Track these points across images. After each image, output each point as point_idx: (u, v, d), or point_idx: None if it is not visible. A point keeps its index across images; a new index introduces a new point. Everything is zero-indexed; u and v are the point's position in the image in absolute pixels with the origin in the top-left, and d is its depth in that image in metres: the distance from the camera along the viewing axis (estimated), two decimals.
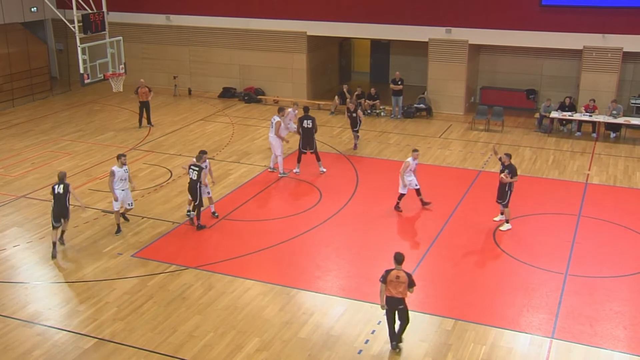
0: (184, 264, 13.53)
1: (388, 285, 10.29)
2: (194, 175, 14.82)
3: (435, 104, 24.88)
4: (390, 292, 10.31)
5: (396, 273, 10.26)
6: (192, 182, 14.88)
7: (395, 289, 10.26)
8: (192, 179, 14.87)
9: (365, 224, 15.52)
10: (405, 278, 10.25)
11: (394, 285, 10.25)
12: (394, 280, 10.24)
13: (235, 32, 26.93)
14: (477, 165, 19.28)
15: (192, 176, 14.86)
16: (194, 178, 14.83)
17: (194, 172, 14.81)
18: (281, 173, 18.33)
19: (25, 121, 23.94)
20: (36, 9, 27.94)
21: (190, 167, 14.92)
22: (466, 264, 13.63)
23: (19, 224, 15.50)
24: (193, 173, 14.82)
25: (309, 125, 18.23)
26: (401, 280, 10.23)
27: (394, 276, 10.25)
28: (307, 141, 18.30)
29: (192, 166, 14.89)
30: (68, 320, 11.62)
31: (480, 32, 23.54)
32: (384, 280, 10.32)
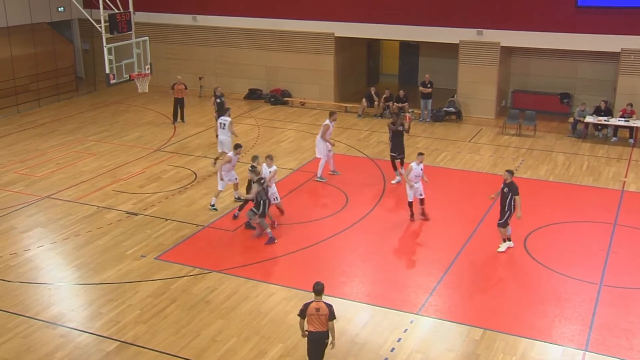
0: (208, 267, 13.60)
1: (308, 320, 9.62)
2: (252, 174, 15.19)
3: (465, 108, 24.71)
4: (313, 327, 9.63)
5: (315, 305, 9.57)
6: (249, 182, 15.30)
7: (318, 322, 9.60)
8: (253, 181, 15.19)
9: (392, 229, 15.46)
10: (326, 309, 9.55)
11: (315, 318, 9.57)
12: (314, 314, 9.55)
13: (262, 33, 27.06)
14: None
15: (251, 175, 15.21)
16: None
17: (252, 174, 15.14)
18: (318, 177, 18.21)
19: (50, 121, 24.32)
20: (63, 8, 28.39)
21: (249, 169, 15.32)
22: (496, 272, 13.50)
23: (43, 224, 15.74)
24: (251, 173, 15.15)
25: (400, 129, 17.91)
26: (321, 312, 9.55)
27: (313, 309, 9.56)
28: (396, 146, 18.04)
29: (251, 167, 15.29)
30: (91, 322, 11.76)
31: (513, 34, 23.33)
32: (302, 314, 9.66)
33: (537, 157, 20.35)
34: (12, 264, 13.80)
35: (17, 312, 12.01)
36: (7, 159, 20.16)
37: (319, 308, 9.59)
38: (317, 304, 9.61)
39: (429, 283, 13.00)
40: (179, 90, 23.50)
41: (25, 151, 20.92)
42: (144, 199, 17.13)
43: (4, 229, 15.44)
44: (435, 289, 12.80)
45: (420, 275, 13.36)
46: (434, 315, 11.93)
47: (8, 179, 18.56)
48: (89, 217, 16.09)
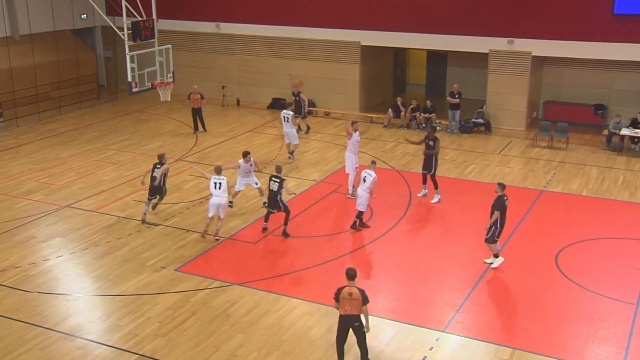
0: (228, 280, 13.63)
1: (341, 303, 10.30)
2: (274, 186, 15.24)
3: (495, 119, 24.56)
4: (345, 310, 10.31)
5: (348, 290, 10.23)
6: (272, 193, 15.32)
7: (350, 305, 10.28)
8: (272, 190, 15.27)
9: (418, 243, 15.38)
10: (359, 294, 10.24)
11: (348, 302, 10.26)
12: (347, 298, 10.23)
13: (287, 41, 27.21)
14: (538, 185, 18.91)
15: (273, 187, 15.26)
16: (274, 189, 15.24)
17: (274, 184, 15.25)
18: (350, 194, 17.94)
19: (71, 129, 24.66)
20: (86, 15, 28.84)
21: (270, 179, 15.36)
22: (525, 289, 13.33)
23: (62, 234, 15.92)
24: (274, 184, 15.25)
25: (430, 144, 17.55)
26: (354, 297, 10.23)
27: (346, 293, 10.22)
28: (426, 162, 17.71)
29: (273, 177, 15.33)
30: (109, 334, 11.84)
31: (545, 43, 23.16)
32: (336, 297, 10.33)
33: (569, 170, 20.13)
34: (31, 273, 13.96)
35: (36, 323, 12.13)
36: (28, 167, 20.46)
37: (351, 293, 10.18)
38: (349, 289, 10.21)
39: (456, 299, 12.89)
40: (194, 100, 23.69)
41: (45, 159, 21.22)
42: (165, 209, 17.25)
43: (23, 238, 15.65)
44: (463, 305, 12.68)
45: (447, 291, 13.25)
46: (461, 333, 11.81)
47: (28, 187, 18.83)
48: (108, 227, 16.24)
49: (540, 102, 25.84)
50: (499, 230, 13.95)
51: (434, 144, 17.41)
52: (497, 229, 13.90)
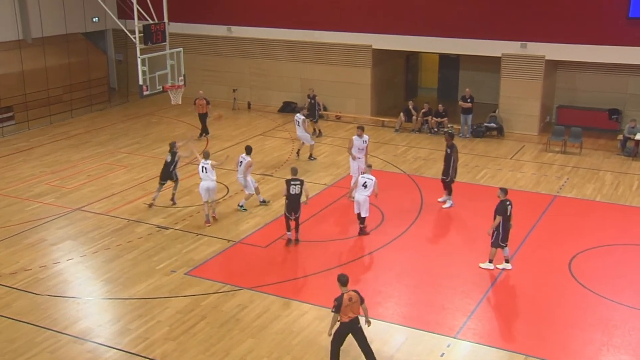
0: (239, 284, 13.66)
1: (343, 312, 10.30)
2: (296, 189, 15.09)
3: (508, 123, 24.49)
4: (347, 317, 10.35)
5: (347, 296, 10.30)
6: (294, 197, 15.14)
7: (351, 311, 10.35)
8: (295, 194, 15.11)
9: (429, 248, 15.35)
10: (357, 297, 10.36)
11: (349, 308, 10.31)
12: (348, 304, 10.29)
13: (298, 45, 27.27)
14: (551, 190, 18.83)
15: (294, 191, 15.10)
16: (296, 193, 15.10)
17: (295, 187, 15.09)
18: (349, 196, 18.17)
19: (82, 132, 24.82)
20: (98, 19, 29.04)
21: (289, 183, 15.11)
22: (538, 296, 13.27)
23: (73, 237, 16.01)
24: (295, 187, 15.08)
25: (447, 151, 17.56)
26: (354, 300, 10.34)
27: (347, 300, 10.29)
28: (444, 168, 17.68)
29: (292, 181, 15.13)
30: (119, 338, 11.89)
31: (559, 47, 23.09)
32: (338, 309, 10.26)
33: (583, 175, 20.03)
34: (42, 276, 14.05)
35: (45, 326, 12.21)
36: (39, 170, 20.61)
37: (351, 298, 10.30)
38: (348, 295, 10.30)
39: (468, 305, 12.85)
40: (200, 105, 23.70)
41: (56, 162, 21.37)
42: (175, 212, 17.32)
43: (34, 241, 15.75)
44: (474, 311, 12.64)
45: (458, 297, 13.21)
46: (473, 340, 11.78)
47: (39, 190, 18.96)
48: (119, 230, 16.32)
49: (554, 106, 25.74)
50: (503, 235, 13.94)
51: (451, 151, 17.34)
52: (499, 234, 13.91)
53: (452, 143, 17.44)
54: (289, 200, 15.15)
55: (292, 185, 15.09)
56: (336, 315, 10.34)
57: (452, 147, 17.37)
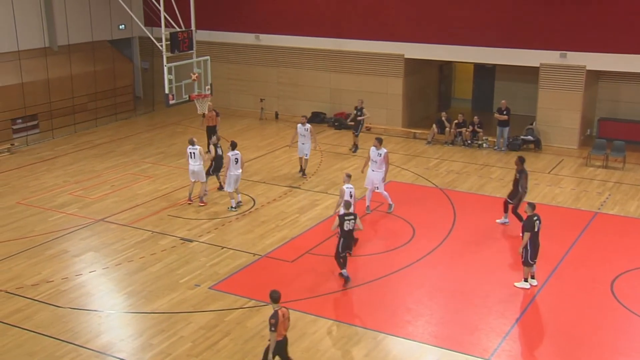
0: (264, 299, 13.55)
1: (280, 330, 10.25)
2: (350, 225, 14.07)
3: (545, 136, 24.23)
4: (281, 334, 10.32)
5: (282, 312, 10.27)
6: (348, 233, 14.10)
7: (284, 328, 10.35)
8: (349, 230, 14.08)
9: (462, 265, 15.20)
10: (288, 313, 10.41)
11: (282, 326, 10.29)
12: (282, 321, 10.26)
13: (327, 54, 27.36)
14: (592, 206, 18.56)
15: (349, 227, 14.07)
16: (351, 228, 14.10)
17: (350, 222, 14.03)
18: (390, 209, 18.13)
19: (107, 142, 25.14)
20: (124, 26, 29.48)
21: (344, 218, 14.04)
22: (578, 318, 13.05)
23: (95, 248, 16.18)
24: (349, 223, 14.03)
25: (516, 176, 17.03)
26: (286, 316, 10.35)
27: (281, 317, 10.23)
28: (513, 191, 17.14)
29: (347, 216, 14.06)
30: (141, 353, 11.94)
31: (601, 57, 22.82)
32: (276, 327, 10.12)
33: (626, 191, 19.71)
34: (63, 288, 14.20)
35: (67, 339, 12.31)
36: (63, 180, 20.90)
37: (284, 314, 10.32)
38: (281, 311, 10.28)
39: (502, 326, 12.68)
40: (209, 118, 22.52)
41: (80, 172, 21.65)
42: (200, 225, 17.41)
43: (56, 252, 15.95)
44: (509, 332, 12.47)
45: (493, 316, 13.05)
46: None
47: (63, 200, 19.21)
48: (142, 242, 16.45)
49: (595, 118, 25.41)
50: (532, 252, 13.80)
51: (520, 176, 16.74)
52: (528, 251, 13.77)
53: (522, 168, 16.76)
54: (344, 238, 14.11)
55: (346, 220, 14.06)
56: (275, 334, 10.17)
57: (521, 172, 16.75)
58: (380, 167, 17.87)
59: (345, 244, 14.21)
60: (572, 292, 13.98)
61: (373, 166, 17.93)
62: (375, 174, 17.89)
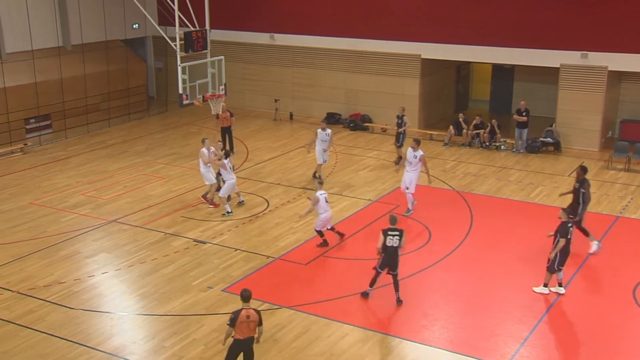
0: (278, 302, 13.67)
1: (237, 327, 10.34)
2: (394, 241, 13.39)
3: (565, 138, 24.09)
4: (242, 334, 10.39)
5: (245, 313, 10.31)
6: (392, 250, 13.39)
7: (247, 329, 10.39)
8: (392, 246, 13.39)
9: (479, 269, 15.13)
10: (256, 316, 10.41)
11: (245, 325, 10.34)
12: (245, 321, 10.30)
13: (343, 54, 27.36)
14: (613, 210, 18.42)
15: (392, 243, 13.39)
16: (394, 245, 13.40)
17: (394, 238, 13.40)
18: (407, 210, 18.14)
19: (120, 142, 25.28)
20: (138, 25, 29.65)
21: (386, 234, 13.40)
22: (599, 324, 12.95)
23: (108, 249, 16.27)
24: (393, 239, 13.40)
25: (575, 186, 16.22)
26: (251, 319, 10.36)
27: (244, 317, 10.30)
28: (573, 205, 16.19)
29: (390, 231, 13.40)
30: (153, 355, 11.99)
31: (623, 57, 22.64)
32: (232, 323, 10.33)
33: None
34: (76, 290, 14.29)
35: (79, 341, 12.38)
36: (75, 180, 21.04)
37: (249, 315, 10.34)
38: (247, 311, 10.34)
39: (521, 331, 12.61)
40: (224, 119, 22.74)
41: (93, 172, 21.78)
42: (213, 226, 17.47)
43: (68, 253, 16.05)
44: (528, 338, 12.40)
45: (511, 322, 12.98)
46: None
47: (75, 201, 19.34)
48: (155, 243, 16.53)
49: (617, 120, 25.24)
50: (561, 259, 13.67)
51: (580, 186, 15.83)
52: (557, 257, 13.64)
53: (583, 178, 15.95)
54: (385, 254, 13.42)
55: (389, 236, 13.34)
56: (231, 329, 10.39)
57: (583, 182, 15.90)
58: (416, 168, 17.94)
59: (385, 261, 13.46)
60: (593, 298, 13.89)
61: (408, 167, 17.99)
62: (409, 175, 17.93)
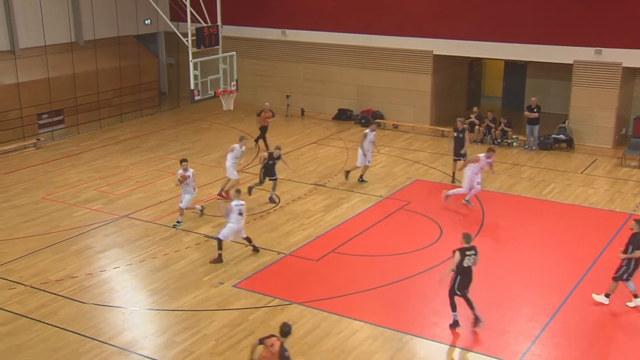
0: (289, 298, 13.71)
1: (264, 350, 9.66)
2: (471, 261, 12.50)
3: (578, 135, 23.98)
4: (260, 357, 9.72)
5: (274, 342, 9.58)
6: (467, 270, 12.53)
7: (266, 354, 9.62)
8: (469, 266, 12.54)
9: (490, 267, 15.09)
10: (277, 351, 9.48)
11: (267, 351, 9.60)
12: (268, 347, 9.59)
13: (355, 50, 27.34)
14: (627, 208, 18.33)
15: (469, 263, 12.50)
16: (469, 264, 12.52)
17: (471, 258, 12.48)
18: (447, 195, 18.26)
19: (131, 137, 25.39)
20: (150, 21, 29.74)
21: (465, 253, 12.47)
22: (612, 323, 12.92)
23: (120, 245, 16.36)
24: (470, 259, 12.48)
25: None
26: (274, 350, 9.53)
27: (270, 343, 9.62)
28: None
29: (467, 250, 12.51)
30: (164, 350, 12.06)
31: (638, 54, 22.52)
32: (261, 342, 9.69)
33: None
34: (88, 284, 14.39)
35: (91, 335, 12.48)
36: (87, 175, 21.16)
37: (273, 344, 9.60)
38: (276, 341, 9.59)
39: (532, 329, 12.59)
40: (266, 118, 23.17)
41: (105, 168, 21.90)
42: (224, 222, 17.44)
43: (80, 248, 16.16)
44: (539, 336, 12.38)
45: (522, 320, 12.96)
46: None
47: (87, 196, 19.45)
48: (166, 239, 16.61)
49: (631, 117, 25.08)
50: (633, 269, 13.19)
51: None
52: (629, 268, 13.21)
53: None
54: (462, 275, 12.45)
55: (467, 256, 12.48)
56: (258, 346, 9.73)
57: None
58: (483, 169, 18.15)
59: (463, 282, 12.53)
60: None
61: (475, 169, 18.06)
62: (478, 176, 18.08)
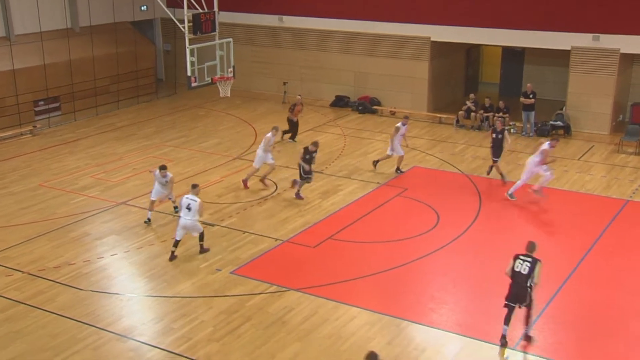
0: (286, 285, 13.75)
1: None
2: (523, 267, 11.35)
3: (575, 122, 23.99)
4: None
5: None
6: (519, 276, 11.38)
7: None
8: (522, 273, 11.36)
9: (487, 253, 15.16)
10: None
11: None
12: None
13: (352, 36, 27.26)
14: (623, 194, 18.37)
15: (520, 269, 11.38)
16: (522, 272, 11.35)
17: (523, 264, 11.36)
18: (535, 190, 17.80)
19: (128, 124, 25.34)
20: (146, 7, 29.59)
21: (522, 260, 11.42)
22: (608, 309, 12.96)
23: (117, 231, 16.37)
24: (522, 265, 11.36)
25: None
26: None
27: None
28: None
29: (522, 257, 11.47)
30: (162, 337, 12.10)
31: (636, 40, 22.49)
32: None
33: None
34: (85, 271, 14.42)
35: (88, 322, 12.51)
36: (84, 162, 21.13)
37: None
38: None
39: None
40: (298, 112, 22.92)
41: (102, 155, 21.87)
42: (222, 209, 17.54)
43: (78, 235, 16.17)
44: (535, 322, 12.41)
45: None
46: (532, 352, 11.60)
47: (84, 183, 19.44)
48: (164, 226, 16.62)
49: (628, 104, 25.09)
50: None
51: None
52: None
53: None
54: (513, 282, 11.46)
55: (519, 260, 11.45)
56: None
57: None
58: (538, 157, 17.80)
59: (513, 291, 11.46)
60: (601, 281, 13.88)
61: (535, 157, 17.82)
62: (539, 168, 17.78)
